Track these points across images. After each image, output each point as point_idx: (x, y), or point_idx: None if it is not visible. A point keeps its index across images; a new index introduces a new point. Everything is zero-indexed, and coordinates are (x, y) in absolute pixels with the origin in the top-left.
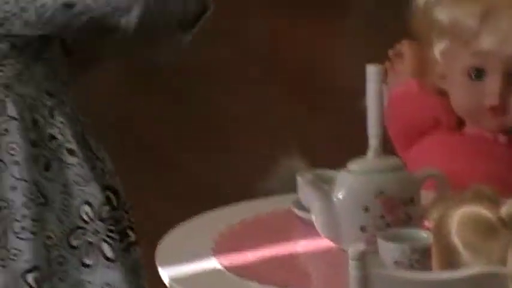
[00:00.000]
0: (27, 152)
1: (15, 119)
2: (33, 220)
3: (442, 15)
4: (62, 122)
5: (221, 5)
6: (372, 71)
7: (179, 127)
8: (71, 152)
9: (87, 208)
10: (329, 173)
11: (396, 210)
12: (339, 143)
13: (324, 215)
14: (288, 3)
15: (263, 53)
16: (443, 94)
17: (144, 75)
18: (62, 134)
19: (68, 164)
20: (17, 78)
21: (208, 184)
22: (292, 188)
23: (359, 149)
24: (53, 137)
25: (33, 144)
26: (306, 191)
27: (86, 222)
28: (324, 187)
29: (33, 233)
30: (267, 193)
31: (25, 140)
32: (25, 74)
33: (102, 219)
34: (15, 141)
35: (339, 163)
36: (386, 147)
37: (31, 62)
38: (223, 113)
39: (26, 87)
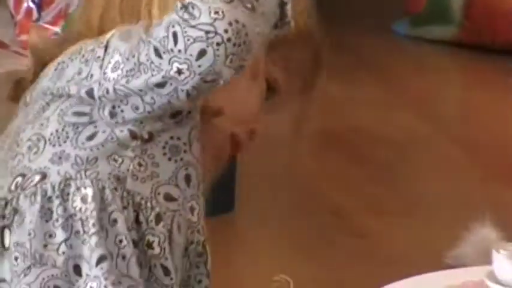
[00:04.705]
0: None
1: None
2: None
3: None
4: (163, 234)
5: None
6: None
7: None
8: (166, 271)
9: None
10: None
11: None
12: None
13: None
14: None
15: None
16: None
17: None
18: (160, 247)
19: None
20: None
21: (398, 252)
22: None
23: None
24: (150, 246)
25: (134, 244)
26: (504, 266)
27: None
28: None
29: None
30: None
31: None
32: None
33: None
34: (123, 234)
35: None
36: None
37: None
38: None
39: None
